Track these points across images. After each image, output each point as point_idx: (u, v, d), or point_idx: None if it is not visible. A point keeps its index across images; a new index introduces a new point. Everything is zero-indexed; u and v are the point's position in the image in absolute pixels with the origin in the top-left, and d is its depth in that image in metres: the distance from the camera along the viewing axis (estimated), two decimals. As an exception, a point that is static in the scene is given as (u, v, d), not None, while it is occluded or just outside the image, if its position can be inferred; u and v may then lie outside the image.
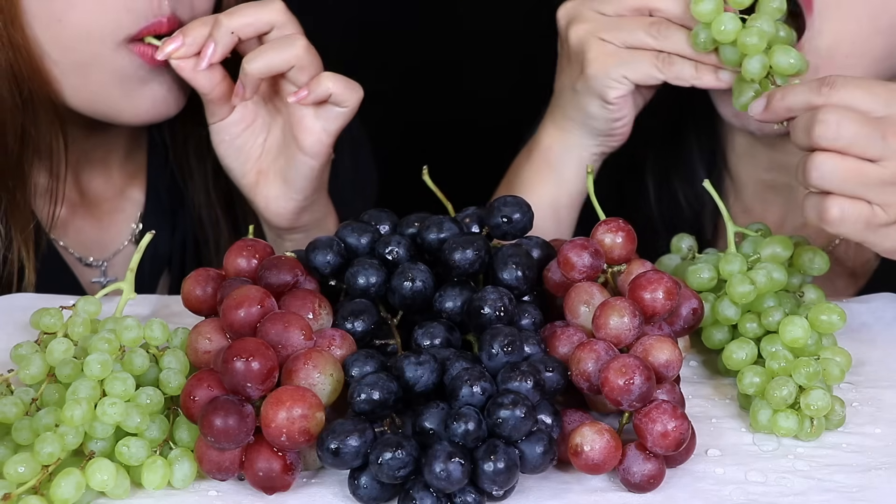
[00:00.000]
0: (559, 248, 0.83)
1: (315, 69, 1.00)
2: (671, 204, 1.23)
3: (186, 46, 0.99)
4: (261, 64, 0.99)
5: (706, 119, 1.23)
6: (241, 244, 0.85)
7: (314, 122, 1.02)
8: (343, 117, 1.02)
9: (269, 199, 1.05)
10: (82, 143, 1.14)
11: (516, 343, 0.76)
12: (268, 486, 0.74)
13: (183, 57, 1.00)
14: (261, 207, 1.06)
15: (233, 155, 1.05)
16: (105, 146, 1.17)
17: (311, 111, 1.01)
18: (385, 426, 0.74)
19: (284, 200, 1.05)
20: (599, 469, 0.75)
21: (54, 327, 0.84)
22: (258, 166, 1.05)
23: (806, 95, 0.86)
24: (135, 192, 1.21)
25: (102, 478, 0.73)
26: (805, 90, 0.86)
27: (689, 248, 0.94)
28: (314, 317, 0.80)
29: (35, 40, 1.02)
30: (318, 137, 1.02)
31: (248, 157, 1.05)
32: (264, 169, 1.05)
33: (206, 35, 0.99)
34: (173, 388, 0.79)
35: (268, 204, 1.05)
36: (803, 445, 0.80)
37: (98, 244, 1.19)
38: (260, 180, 1.05)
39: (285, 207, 1.05)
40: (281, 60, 0.99)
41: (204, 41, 0.99)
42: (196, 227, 1.21)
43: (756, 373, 0.83)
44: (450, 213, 0.91)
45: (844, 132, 0.82)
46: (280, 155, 1.04)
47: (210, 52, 0.99)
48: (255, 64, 0.99)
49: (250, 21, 0.99)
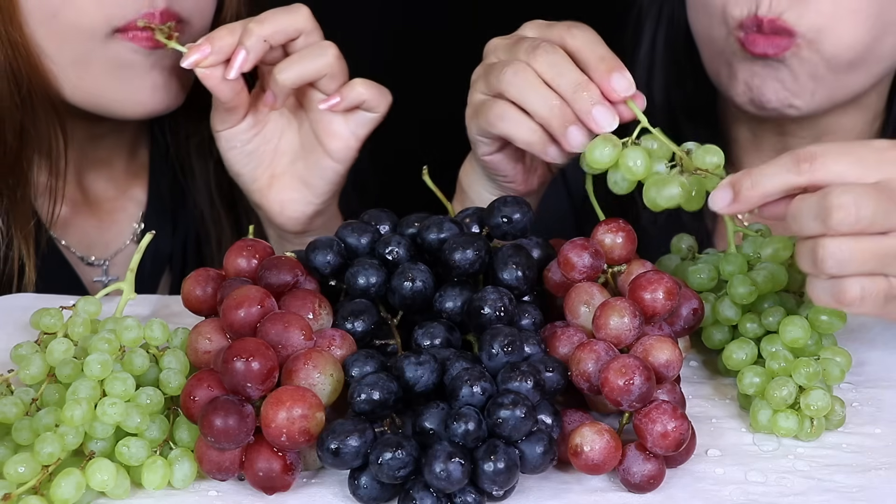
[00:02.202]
0: (559, 249, 0.83)
1: (345, 76, 1.00)
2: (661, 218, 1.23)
3: (214, 55, 0.97)
4: (293, 74, 0.98)
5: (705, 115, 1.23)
6: (241, 244, 0.85)
7: (343, 127, 1.01)
8: (372, 123, 1.01)
9: (285, 203, 1.04)
10: (86, 142, 1.14)
11: (516, 343, 0.76)
12: (268, 486, 0.74)
13: (211, 65, 0.97)
14: (274, 212, 1.04)
15: (243, 161, 1.03)
16: (109, 146, 1.17)
17: (339, 116, 1.01)
18: (385, 426, 0.74)
19: (302, 204, 1.04)
20: (599, 469, 0.75)
21: (54, 327, 0.84)
22: (270, 171, 1.04)
23: (784, 177, 0.77)
24: (137, 191, 1.21)
25: (102, 478, 0.73)
26: (781, 171, 0.77)
27: (689, 248, 0.94)
28: (314, 317, 0.80)
29: (32, 37, 1.02)
30: (346, 143, 1.01)
31: (259, 163, 1.03)
32: (278, 173, 1.04)
33: (233, 43, 0.97)
34: (173, 388, 0.79)
35: (283, 208, 1.04)
36: (803, 445, 0.80)
37: (100, 243, 1.19)
38: (273, 184, 1.04)
39: (302, 212, 1.04)
40: (314, 69, 0.98)
41: (231, 49, 0.97)
42: (198, 226, 1.21)
43: (756, 373, 0.83)
44: (450, 213, 0.91)
45: (865, 212, 0.73)
46: (299, 159, 1.03)
47: (241, 61, 0.96)
48: (287, 74, 0.98)
49: (281, 28, 0.97)
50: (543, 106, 0.88)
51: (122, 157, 1.19)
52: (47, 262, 1.12)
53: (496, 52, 0.93)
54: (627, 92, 0.87)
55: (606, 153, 0.86)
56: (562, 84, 0.87)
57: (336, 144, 1.01)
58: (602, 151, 0.86)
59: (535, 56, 0.88)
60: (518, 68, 0.88)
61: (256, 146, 1.03)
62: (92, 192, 1.18)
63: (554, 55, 0.88)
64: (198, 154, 1.19)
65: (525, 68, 0.88)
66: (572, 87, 0.87)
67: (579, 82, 0.87)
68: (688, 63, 1.21)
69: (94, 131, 1.13)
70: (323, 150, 1.02)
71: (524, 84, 0.88)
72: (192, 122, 1.17)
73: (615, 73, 0.87)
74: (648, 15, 1.24)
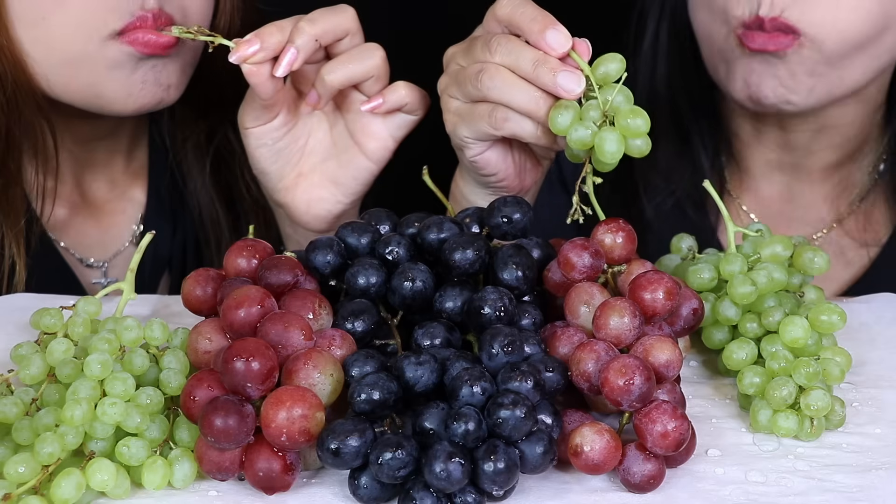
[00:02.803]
0: (559, 249, 0.83)
1: (388, 78, 1.00)
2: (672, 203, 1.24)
3: (263, 51, 0.95)
4: (341, 75, 0.98)
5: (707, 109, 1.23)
6: (241, 244, 0.85)
7: (381, 128, 1.01)
8: (411, 125, 1.01)
9: (312, 202, 1.03)
10: (82, 144, 1.14)
11: (516, 343, 0.76)
12: (268, 486, 0.74)
13: (259, 62, 0.95)
14: (300, 210, 1.03)
15: (271, 158, 1.02)
16: (106, 148, 1.17)
17: (378, 118, 1.00)
18: (385, 426, 0.74)
19: (331, 203, 1.03)
20: (599, 469, 0.74)
21: (54, 327, 0.84)
22: (298, 169, 1.03)
23: None
24: (136, 193, 1.21)
25: (102, 478, 0.73)
26: None
27: (689, 248, 0.94)
28: (314, 317, 0.80)
29: (17, 40, 1.01)
30: (384, 144, 1.01)
31: (287, 161, 1.02)
32: (306, 171, 1.03)
33: (282, 41, 0.96)
34: (173, 388, 0.79)
35: (309, 207, 1.03)
36: (803, 445, 0.80)
37: (99, 245, 1.19)
38: (300, 183, 1.03)
39: (329, 210, 1.03)
40: (362, 71, 0.98)
41: (280, 47, 0.96)
42: (197, 227, 1.21)
43: (756, 373, 0.83)
44: (450, 213, 0.91)
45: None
46: (330, 158, 1.03)
47: (290, 59, 0.95)
48: (336, 75, 0.97)
49: (331, 28, 0.97)
50: (528, 100, 0.88)
51: (120, 158, 1.19)
52: (46, 264, 1.12)
53: (454, 58, 0.94)
54: (564, 47, 0.87)
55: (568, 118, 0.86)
56: (522, 66, 0.88)
57: (373, 145, 1.01)
58: (563, 118, 0.86)
59: (492, 52, 0.89)
60: (491, 72, 0.89)
61: (286, 144, 1.02)
62: (90, 193, 1.18)
63: (507, 43, 0.89)
64: (195, 155, 1.19)
65: (497, 69, 0.89)
66: (531, 66, 0.87)
67: (535, 59, 0.87)
68: (690, 57, 1.21)
69: (90, 133, 1.13)
70: (359, 149, 1.01)
71: (502, 85, 0.89)
72: (188, 123, 1.17)
73: (548, 32, 0.87)
74: (652, 8, 1.24)
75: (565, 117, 0.86)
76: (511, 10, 0.89)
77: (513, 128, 0.90)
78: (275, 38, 0.95)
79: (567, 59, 0.87)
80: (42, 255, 1.12)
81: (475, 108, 0.91)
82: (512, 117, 0.90)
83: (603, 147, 0.85)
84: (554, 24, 0.87)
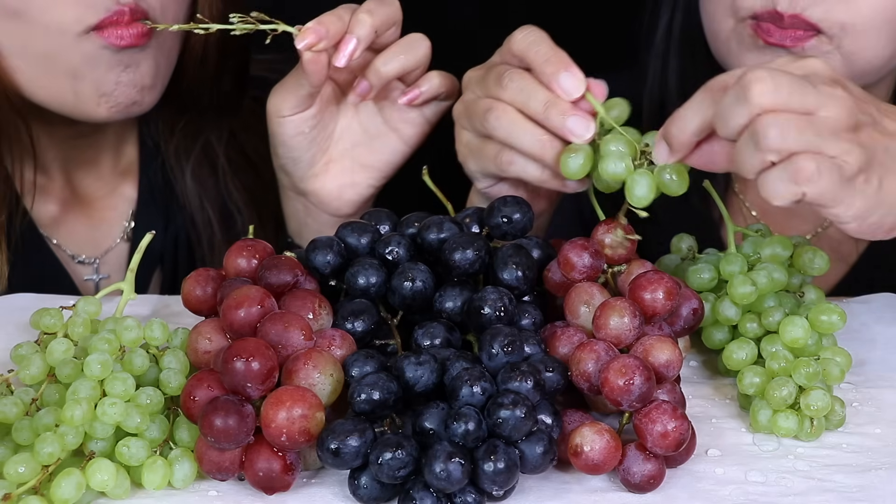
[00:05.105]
0: (559, 249, 0.83)
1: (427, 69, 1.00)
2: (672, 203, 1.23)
3: (328, 40, 0.94)
4: (397, 65, 0.97)
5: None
6: (241, 244, 0.85)
7: (416, 114, 1.01)
8: (444, 108, 1.01)
9: (344, 187, 1.03)
10: (69, 140, 1.14)
11: (516, 343, 0.76)
12: (268, 486, 0.74)
13: (323, 50, 0.94)
14: (331, 196, 1.03)
15: (306, 146, 1.01)
16: (93, 144, 1.17)
17: None
18: (385, 426, 0.74)
19: (363, 188, 1.03)
20: (599, 469, 0.75)
21: (54, 327, 0.84)
22: (328, 156, 1.02)
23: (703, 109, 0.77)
24: (127, 189, 1.21)
25: (102, 478, 0.73)
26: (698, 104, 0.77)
27: (689, 248, 0.94)
28: (314, 317, 0.80)
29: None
30: (420, 129, 1.01)
31: (319, 147, 1.02)
32: (336, 157, 1.03)
33: (342, 30, 0.95)
34: (173, 388, 0.79)
35: (341, 192, 1.03)
36: (803, 445, 0.80)
37: (90, 242, 1.19)
38: (329, 169, 1.03)
39: (361, 195, 1.03)
40: (414, 62, 0.98)
41: (340, 36, 0.94)
42: (188, 224, 1.21)
43: (756, 373, 0.83)
44: (450, 213, 0.91)
45: (782, 81, 0.73)
46: (360, 144, 1.02)
47: (352, 49, 0.94)
48: (391, 66, 0.97)
49: (385, 20, 0.96)
50: (534, 144, 0.87)
51: (109, 155, 1.19)
52: (38, 261, 1.12)
53: (470, 85, 0.93)
54: (578, 91, 0.86)
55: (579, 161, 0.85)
56: (532, 107, 0.87)
57: (410, 130, 1.01)
58: (576, 161, 0.85)
59: (503, 87, 0.88)
60: (499, 111, 0.88)
61: (319, 131, 1.01)
62: (81, 190, 1.18)
63: (519, 80, 0.88)
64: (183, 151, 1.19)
65: (505, 109, 0.88)
66: (542, 108, 0.86)
67: (546, 100, 0.87)
68: (702, 50, 1.20)
69: (75, 130, 1.13)
70: (395, 135, 1.01)
71: (509, 126, 0.88)
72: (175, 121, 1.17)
73: (562, 75, 0.86)
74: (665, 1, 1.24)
75: (576, 160, 0.85)
76: (526, 46, 0.88)
77: (518, 171, 0.89)
78: (336, 27, 0.94)
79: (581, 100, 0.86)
80: (33, 252, 1.11)
81: (484, 147, 0.91)
82: (517, 161, 0.89)
83: (633, 189, 0.83)
84: (567, 67, 0.86)
